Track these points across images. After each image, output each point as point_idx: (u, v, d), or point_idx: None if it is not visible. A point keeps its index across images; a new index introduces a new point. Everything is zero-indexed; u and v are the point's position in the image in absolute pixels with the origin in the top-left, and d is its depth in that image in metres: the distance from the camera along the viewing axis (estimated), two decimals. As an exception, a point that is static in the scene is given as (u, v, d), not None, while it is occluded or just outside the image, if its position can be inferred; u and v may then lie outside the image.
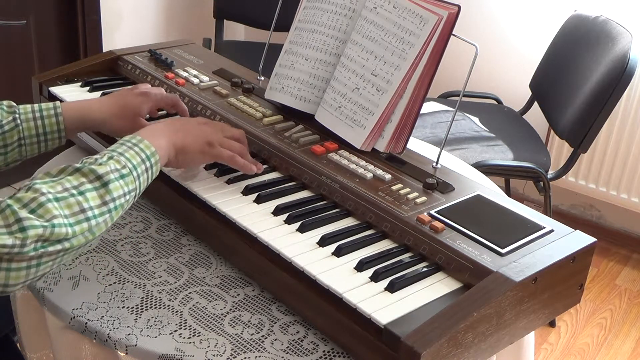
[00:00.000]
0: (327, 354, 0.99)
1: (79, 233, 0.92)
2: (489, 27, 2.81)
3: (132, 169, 1.01)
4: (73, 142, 1.43)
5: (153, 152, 1.05)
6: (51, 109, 1.20)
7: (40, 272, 0.91)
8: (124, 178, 0.99)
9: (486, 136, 2.37)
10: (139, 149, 1.04)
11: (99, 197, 0.96)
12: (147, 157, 1.04)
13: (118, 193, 0.97)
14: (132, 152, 1.02)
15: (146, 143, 1.05)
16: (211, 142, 1.15)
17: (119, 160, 1.00)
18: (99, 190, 0.96)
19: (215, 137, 1.16)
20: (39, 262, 0.90)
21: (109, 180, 0.97)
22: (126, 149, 1.03)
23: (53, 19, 2.79)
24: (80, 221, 0.93)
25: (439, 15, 1.21)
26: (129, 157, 1.01)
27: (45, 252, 0.89)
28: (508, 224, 1.08)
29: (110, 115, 1.24)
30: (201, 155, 1.15)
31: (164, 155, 1.09)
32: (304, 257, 1.02)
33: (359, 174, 1.18)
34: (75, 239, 0.92)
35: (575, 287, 1.08)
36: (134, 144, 1.04)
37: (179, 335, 1.00)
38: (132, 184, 1.00)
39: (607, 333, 2.39)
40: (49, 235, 0.89)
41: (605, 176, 2.69)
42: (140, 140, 1.05)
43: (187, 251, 1.17)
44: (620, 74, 2.01)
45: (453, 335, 0.88)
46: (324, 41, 1.35)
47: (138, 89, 1.30)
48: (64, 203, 0.92)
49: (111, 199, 0.96)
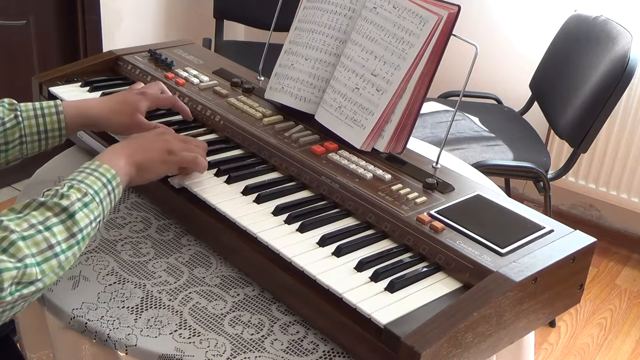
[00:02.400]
0: (327, 354, 0.99)
1: (48, 271, 0.90)
2: (489, 27, 2.81)
3: (94, 194, 0.98)
4: (73, 142, 1.43)
5: (114, 174, 1.03)
6: (52, 107, 1.20)
7: (12, 312, 0.90)
8: (88, 206, 0.97)
9: (486, 136, 2.37)
10: (99, 173, 1.02)
11: (66, 229, 0.94)
12: (109, 181, 1.02)
13: (85, 222, 0.96)
14: (92, 178, 1.00)
15: (105, 167, 1.03)
16: (171, 150, 1.13)
17: (79, 188, 0.98)
18: (66, 223, 0.94)
19: (175, 145, 1.14)
20: (14, 306, 0.89)
21: (74, 211, 0.95)
22: (86, 175, 1.01)
23: (53, 19, 2.79)
24: (49, 258, 0.91)
25: (439, 15, 1.21)
26: (89, 184, 0.99)
27: (20, 295, 0.88)
28: (508, 224, 1.08)
29: (110, 111, 1.24)
30: (164, 165, 1.13)
31: (125, 175, 1.07)
32: (304, 257, 1.02)
33: (359, 174, 1.18)
34: (47, 278, 0.91)
35: (575, 287, 1.08)
36: (93, 169, 1.02)
37: (179, 335, 1.00)
38: (96, 210, 0.98)
39: (607, 333, 2.39)
40: (21, 277, 0.87)
41: (605, 176, 2.69)
42: (99, 165, 1.03)
43: (187, 251, 1.17)
44: (620, 74, 2.01)
45: (453, 335, 0.88)
46: (324, 41, 1.35)
47: (136, 88, 1.31)
48: (31, 241, 0.90)
49: (79, 230, 0.95)
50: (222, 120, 1.34)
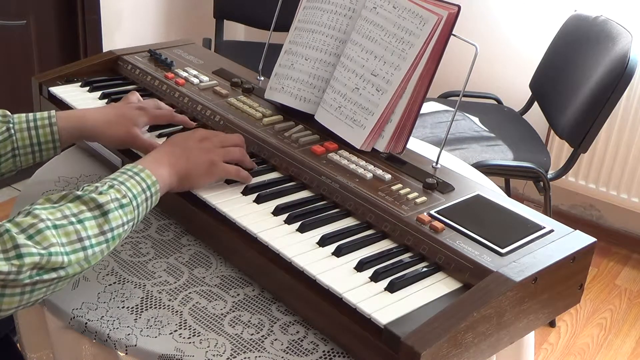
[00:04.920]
0: (327, 354, 0.99)
1: (74, 262, 0.92)
2: (489, 27, 2.81)
3: (132, 198, 1.00)
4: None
5: (154, 181, 1.04)
6: (46, 119, 1.19)
7: (33, 298, 0.90)
8: (124, 208, 0.98)
9: (486, 136, 2.37)
10: (140, 178, 1.03)
11: (98, 226, 0.95)
12: (148, 187, 1.03)
13: (117, 223, 0.97)
14: (132, 182, 1.01)
15: (147, 173, 1.04)
16: (214, 162, 1.14)
17: (120, 189, 0.99)
18: (98, 220, 0.95)
19: (216, 155, 1.15)
20: (33, 289, 0.89)
21: (109, 210, 0.96)
22: (127, 177, 1.02)
23: (53, 19, 2.79)
24: (77, 250, 0.92)
25: (439, 15, 1.21)
26: (129, 187, 1.00)
27: (40, 279, 0.89)
28: (508, 224, 1.08)
29: (106, 123, 1.23)
30: (207, 176, 1.14)
31: (165, 184, 1.08)
32: (304, 257, 1.02)
33: (359, 174, 1.18)
34: (71, 268, 0.92)
35: (575, 287, 1.08)
36: (135, 172, 1.03)
37: (179, 335, 1.00)
38: (131, 214, 0.99)
39: (607, 333, 2.39)
40: (45, 264, 0.88)
41: (605, 176, 2.69)
42: (142, 169, 1.04)
43: (187, 251, 1.17)
44: (620, 74, 2.01)
45: (453, 335, 0.88)
46: (324, 41, 1.35)
47: (134, 103, 1.29)
48: (62, 231, 0.91)
49: (109, 229, 0.96)
50: (222, 121, 1.34)
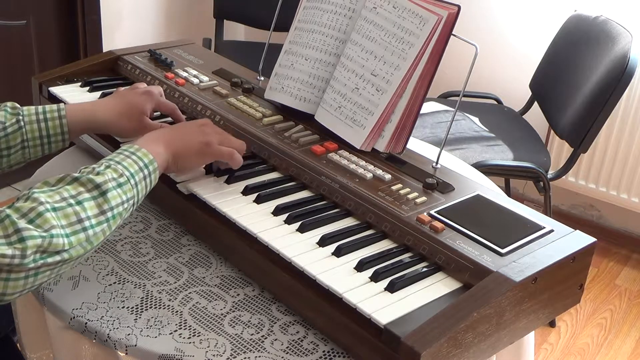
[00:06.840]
0: (327, 354, 0.99)
1: (76, 244, 0.92)
2: (489, 27, 2.81)
3: (129, 177, 1.00)
4: (73, 142, 1.43)
5: (151, 159, 1.05)
6: (55, 112, 1.20)
7: (37, 281, 0.91)
8: (122, 187, 0.99)
9: (486, 136, 2.37)
10: (137, 157, 1.03)
11: (97, 206, 0.96)
12: (145, 165, 1.04)
13: (116, 202, 0.97)
14: (129, 161, 1.02)
15: (143, 151, 1.05)
16: (209, 142, 1.14)
17: (116, 169, 1.00)
18: (97, 200, 0.96)
19: (213, 137, 1.16)
20: (37, 273, 0.90)
21: (107, 189, 0.97)
22: (123, 157, 1.03)
23: (53, 19, 2.79)
24: (77, 231, 0.93)
25: (439, 15, 1.21)
26: (126, 166, 1.01)
27: (44, 263, 0.89)
28: (508, 224, 1.08)
29: (117, 115, 1.24)
30: (201, 156, 1.14)
31: (163, 162, 1.08)
32: (304, 257, 1.02)
33: (359, 174, 1.18)
34: (74, 250, 0.92)
35: (575, 287, 1.08)
36: (132, 152, 1.04)
37: (179, 335, 1.00)
38: (130, 191, 1.00)
39: (607, 333, 2.39)
40: (47, 246, 0.89)
41: (605, 176, 2.69)
42: (138, 148, 1.05)
43: (187, 251, 1.17)
44: (620, 74, 2.01)
45: (453, 335, 0.88)
46: (324, 41, 1.35)
47: (139, 88, 1.29)
48: (62, 213, 0.92)
49: (109, 208, 0.97)
50: (222, 120, 1.34)
